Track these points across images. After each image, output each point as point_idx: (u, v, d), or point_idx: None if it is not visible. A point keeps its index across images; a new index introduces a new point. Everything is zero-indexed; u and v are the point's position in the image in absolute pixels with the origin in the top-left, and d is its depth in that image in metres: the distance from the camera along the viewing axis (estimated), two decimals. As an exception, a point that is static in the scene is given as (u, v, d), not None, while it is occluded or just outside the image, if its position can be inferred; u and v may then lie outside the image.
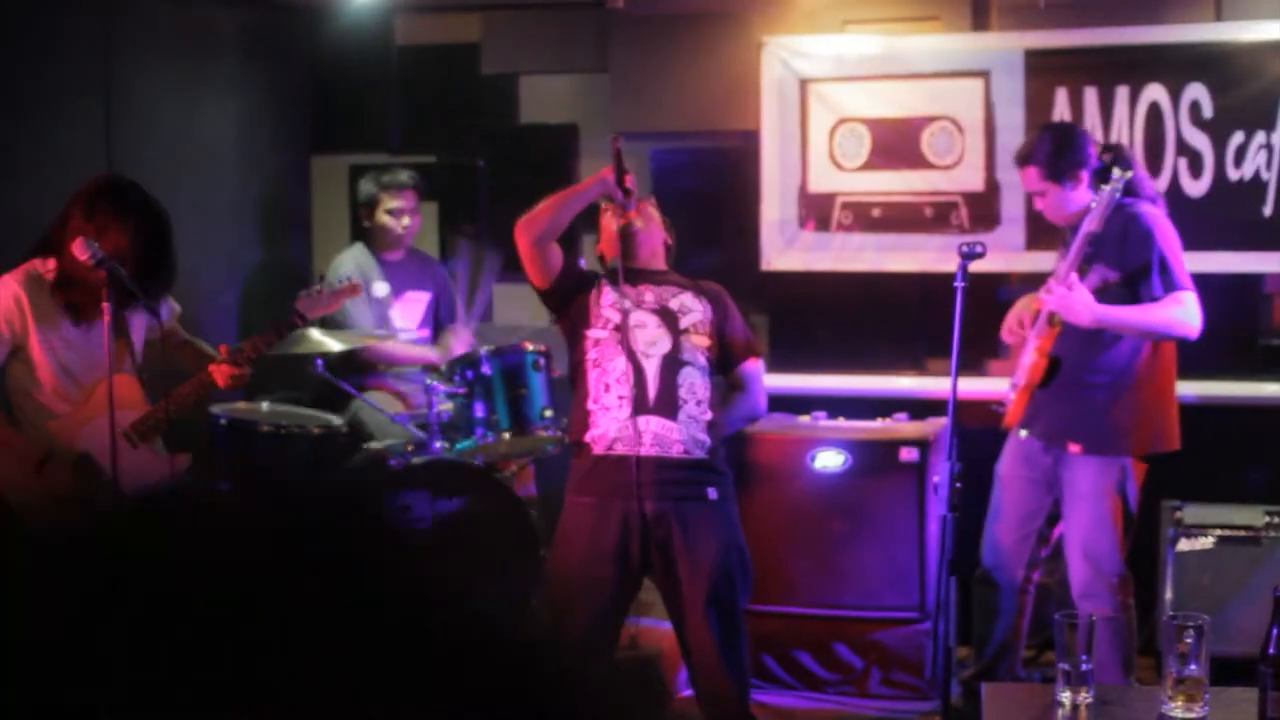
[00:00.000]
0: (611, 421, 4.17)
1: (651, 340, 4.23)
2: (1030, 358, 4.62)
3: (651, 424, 4.16)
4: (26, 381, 4.13)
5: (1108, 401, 4.59)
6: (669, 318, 4.27)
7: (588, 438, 4.22)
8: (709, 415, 4.23)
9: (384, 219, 5.87)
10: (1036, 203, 4.76)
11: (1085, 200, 4.57)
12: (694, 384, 4.22)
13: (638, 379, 4.17)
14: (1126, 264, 4.49)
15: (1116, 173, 4.45)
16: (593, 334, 4.26)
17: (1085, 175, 4.61)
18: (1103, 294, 4.50)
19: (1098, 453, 4.60)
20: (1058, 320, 4.57)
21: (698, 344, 4.27)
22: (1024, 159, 4.72)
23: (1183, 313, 4.49)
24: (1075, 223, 4.61)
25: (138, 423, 4.15)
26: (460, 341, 5.82)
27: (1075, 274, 4.43)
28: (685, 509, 4.18)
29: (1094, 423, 4.59)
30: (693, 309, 4.30)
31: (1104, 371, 4.59)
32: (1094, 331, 4.55)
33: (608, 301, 4.28)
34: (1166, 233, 4.55)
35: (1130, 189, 4.51)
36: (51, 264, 4.13)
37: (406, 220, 5.88)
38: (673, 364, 4.21)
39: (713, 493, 4.22)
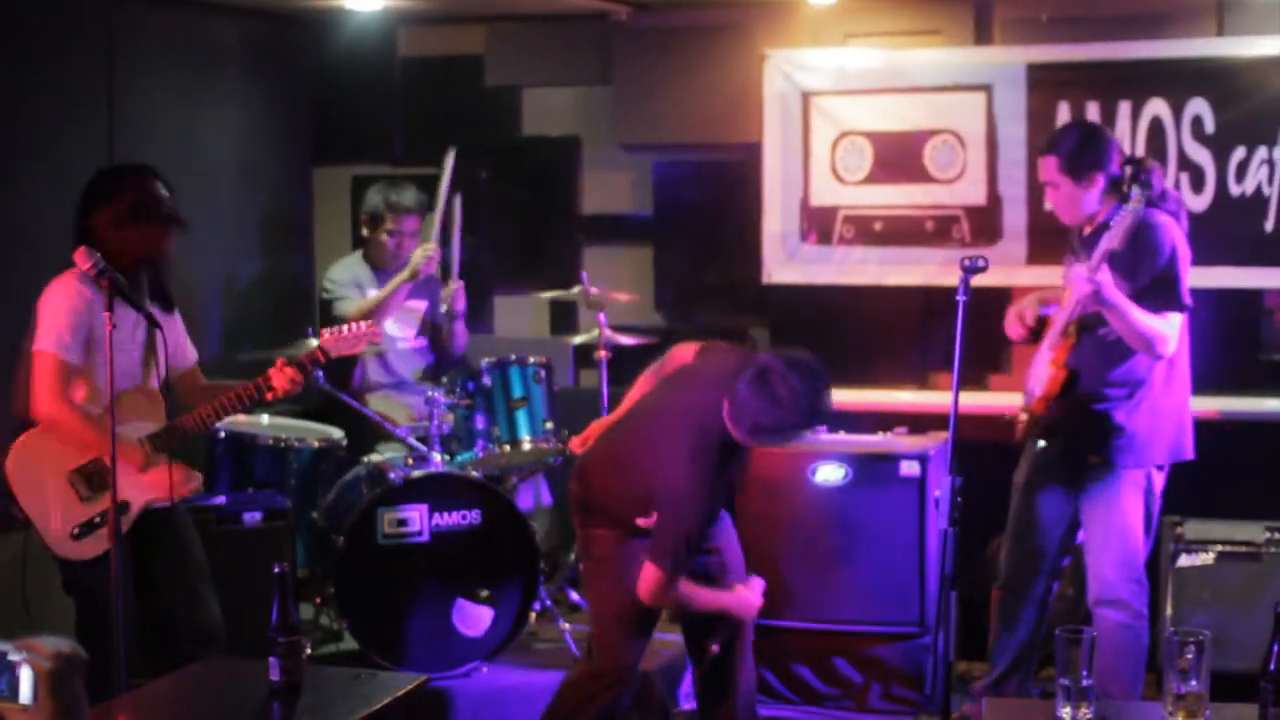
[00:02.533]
0: None
1: None
2: (1046, 370, 4.62)
3: None
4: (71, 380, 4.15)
5: (1126, 413, 4.57)
6: None
7: None
8: None
9: (382, 237, 5.86)
10: (1048, 195, 4.70)
11: (1095, 204, 4.55)
12: None
13: None
14: (1134, 272, 4.49)
15: (1136, 191, 4.41)
16: None
17: (1101, 179, 4.58)
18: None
19: (1118, 464, 4.59)
20: (1072, 331, 4.57)
21: None
22: (1047, 147, 4.68)
23: (1167, 330, 4.48)
24: (1083, 224, 4.62)
25: (154, 436, 4.17)
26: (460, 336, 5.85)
27: (1105, 265, 4.40)
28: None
29: (1113, 434, 4.58)
30: None
31: (1121, 384, 4.58)
32: (1110, 345, 4.54)
33: None
34: (1176, 248, 4.53)
35: (1151, 199, 4.49)
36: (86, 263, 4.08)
37: (403, 245, 5.88)
38: None
39: None
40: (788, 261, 6.13)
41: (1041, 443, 4.75)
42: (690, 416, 4.06)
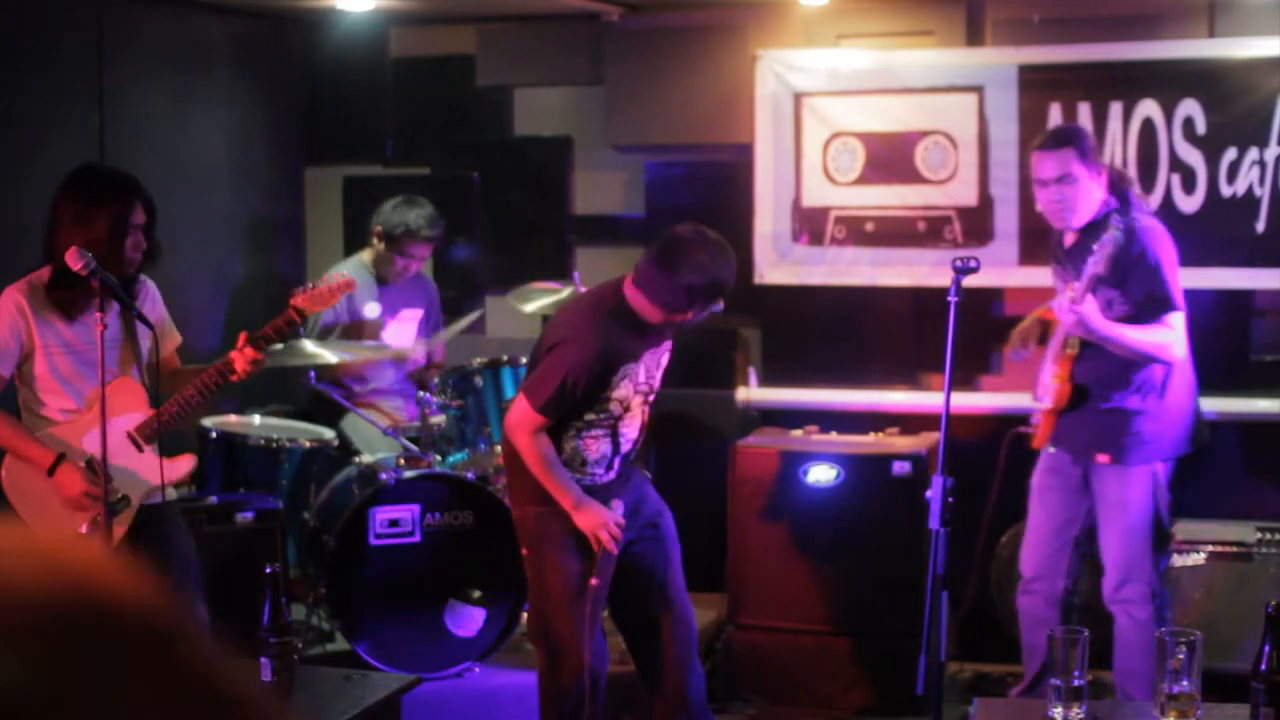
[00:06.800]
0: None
1: (632, 436, 4.28)
2: (1052, 383, 4.63)
3: (613, 491, 4.26)
4: (30, 394, 4.15)
5: (1134, 414, 4.60)
6: (647, 400, 4.28)
7: None
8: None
9: (395, 257, 5.82)
10: (1057, 191, 4.56)
11: (1101, 200, 4.54)
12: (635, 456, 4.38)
13: (609, 464, 4.26)
14: (1125, 280, 4.50)
15: (1116, 219, 4.43)
16: (590, 417, 4.19)
17: (1107, 174, 4.59)
18: (1104, 308, 4.50)
19: (1127, 463, 4.61)
20: (1074, 344, 4.58)
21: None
22: (1061, 139, 4.59)
23: (1171, 336, 4.52)
24: (1064, 231, 4.61)
25: (141, 426, 4.18)
26: (436, 351, 5.85)
27: (1090, 295, 4.40)
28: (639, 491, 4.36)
29: (1121, 435, 4.61)
30: (658, 380, 4.31)
31: (1131, 389, 4.60)
32: (1112, 350, 4.56)
33: (620, 391, 4.17)
34: (1165, 251, 4.55)
35: (1131, 219, 4.50)
36: (47, 271, 4.15)
37: (413, 269, 5.88)
38: (636, 447, 4.32)
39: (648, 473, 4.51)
40: (779, 262, 6.13)
41: (1052, 448, 4.78)
42: (582, 298, 4.30)
